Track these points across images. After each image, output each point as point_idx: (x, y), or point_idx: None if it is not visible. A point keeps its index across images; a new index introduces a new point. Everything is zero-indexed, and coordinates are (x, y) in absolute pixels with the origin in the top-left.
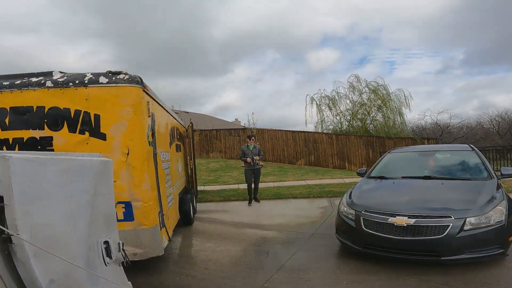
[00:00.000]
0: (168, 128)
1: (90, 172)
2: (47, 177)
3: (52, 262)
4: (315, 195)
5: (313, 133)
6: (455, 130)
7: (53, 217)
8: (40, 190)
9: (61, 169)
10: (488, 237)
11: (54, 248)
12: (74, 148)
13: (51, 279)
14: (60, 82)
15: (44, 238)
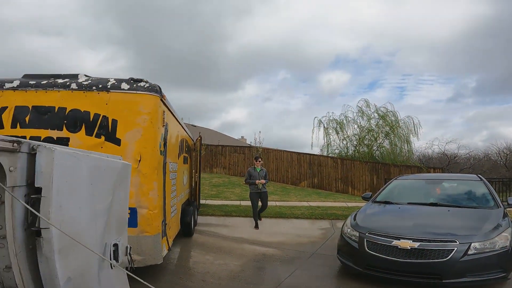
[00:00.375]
0: (179, 140)
1: (113, 173)
2: (81, 173)
3: (72, 260)
4: (317, 217)
5: (318, 156)
6: (462, 161)
7: (80, 214)
8: (74, 185)
9: (92, 167)
10: (491, 261)
11: (77, 245)
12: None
13: (69, 277)
14: (84, 85)
15: (72, 233)
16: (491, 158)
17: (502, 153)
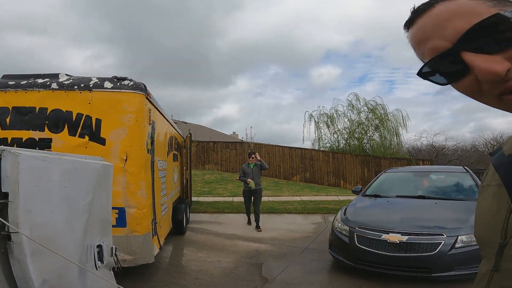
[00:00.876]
0: (167, 137)
1: (91, 175)
2: (52, 177)
3: (46, 262)
4: (309, 211)
5: (310, 150)
6: (450, 152)
7: (52, 217)
8: (44, 189)
9: (65, 169)
10: (479, 254)
11: (51, 248)
12: (73, 151)
13: (44, 279)
14: (65, 84)
15: (42, 238)
16: (479, 149)
17: (489, 144)
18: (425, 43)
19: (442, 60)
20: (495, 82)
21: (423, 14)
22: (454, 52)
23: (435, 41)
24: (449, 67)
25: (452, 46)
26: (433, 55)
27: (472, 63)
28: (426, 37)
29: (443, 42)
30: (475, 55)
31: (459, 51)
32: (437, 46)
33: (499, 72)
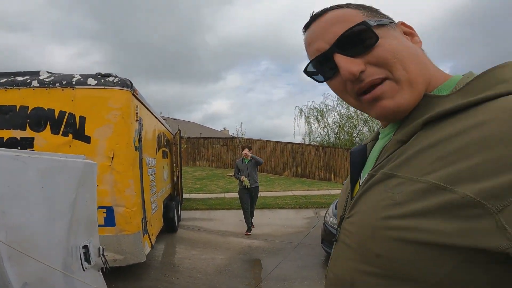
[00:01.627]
0: (156, 134)
1: (72, 174)
2: (27, 177)
3: (26, 265)
4: (301, 206)
5: (300, 145)
6: None
7: (30, 219)
8: (19, 189)
9: (43, 169)
10: None
11: (30, 251)
12: (56, 150)
13: (25, 282)
14: (46, 82)
15: (20, 240)
16: None
17: None
18: (312, 44)
19: (321, 60)
20: (353, 82)
21: (317, 19)
22: (329, 54)
23: (319, 43)
24: (325, 66)
25: (328, 48)
26: (316, 55)
27: (338, 63)
28: (314, 39)
29: (324, 44)
30: (342, 56)
31: (333, 53)
32: (319, 47)
33: (354, 72)
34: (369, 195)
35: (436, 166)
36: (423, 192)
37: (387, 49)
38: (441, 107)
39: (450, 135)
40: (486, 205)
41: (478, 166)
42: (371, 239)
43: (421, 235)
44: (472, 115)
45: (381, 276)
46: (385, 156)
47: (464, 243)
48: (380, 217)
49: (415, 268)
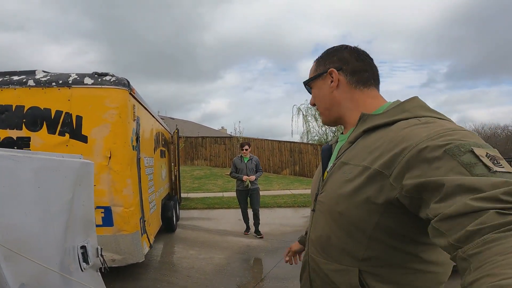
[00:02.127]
0: (153, 133)
1: (68, 174)
2: (23, 177)
3: (23, 266)
4: (299, 204)
5: (298, 144)
6: None
7: (26, 220)
8: (15, 189)
9: (38, 168)
10: None
11: (26, 251)
12: (53, 150)
13: (22, 283)
14: (42, 81)
15: (16, 240)
16: None
17: None
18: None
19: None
20: None
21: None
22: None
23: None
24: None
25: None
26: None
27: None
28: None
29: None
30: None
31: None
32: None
33: (311, 104)
34: (333, 176)
35: (366, 156)
36: (360, 172)
37: (314, 95)
38: (372, 123)
39: (375, 139)
40: (383, 172)
41: (381, 153)
42: (336, 204)
43: (361, 197)
44: (386, 129)
45: (344, 228)
46: (342, 152)
47: (380, 200)
48: (339, 188)
49: (361, 219)
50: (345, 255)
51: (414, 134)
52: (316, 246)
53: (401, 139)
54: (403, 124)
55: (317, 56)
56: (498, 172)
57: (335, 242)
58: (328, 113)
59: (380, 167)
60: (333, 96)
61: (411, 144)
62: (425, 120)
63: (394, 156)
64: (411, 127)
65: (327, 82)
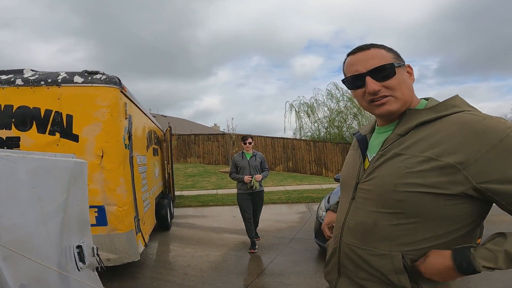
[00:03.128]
0: (146, 131)
1: (63, 173)
2: (18, 177)
3: (22, 266)
4: (293, 201)
5: (291, 140)
6: None
7: (23, 220)
8: (10, 190)
9: (33, 169)
10: None
11: (24, 252)
12: (43, 150)
13: (21, 283)
14: (31, 80)
15: (13, 241)
16: None
17: None
18: (354, 66)
19: (355, 77)
20: (370, 94)
21: (362, 51)
22: (363, 75)
23: (359, 67)
24: (357, 81)
25: (364, 72)
26: (353, 74)
27: (367, 82)
28: (356, 63)
29: (362, 69)
30: (371, 79)
31: (366, 75)
32: (359, 70)
33: (375, 89)
34: (385, 166)
35: (428, 147)
36: (423, 162)
37: (396, 80)
38: (424, 117)
39: (433, 132)
40: (457, 166)
41: (448, 148)
42: (393, 191)
43: (426, 187)
44: (441, 123)
45: (399, 214)
46: (389, 143)
47: (449, 191)
48: (397, 178)
49: (422, 207)
50: (389, 241)
51: (491, 127)
52: (354, 232)
53: (475, 133)
54: (462, 118)
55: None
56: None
57: (381, 228)
58: (403, 102)
59: (453, 160)
60: (412, 87)
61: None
62: (483, 114)
63: (471, 152)
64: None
65: (406, 73)
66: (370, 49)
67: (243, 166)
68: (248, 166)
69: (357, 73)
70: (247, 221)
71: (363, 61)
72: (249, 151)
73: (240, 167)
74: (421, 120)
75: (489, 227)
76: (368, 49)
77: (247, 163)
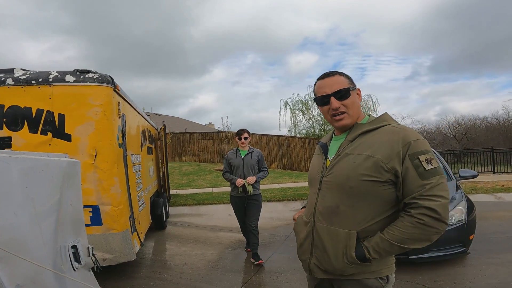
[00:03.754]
0: (140, 130)
1: (56, 173)
2: (11, 177)
3: (17, 266)
4: (289, 198)
5: (286, 137)
6: None
7: (17, 220)
8: (3, 190)
9: (26, 169)
10: (450, 235)
11: (18, 252)
12: (35, 149)
13: (17, 284)
14: (22, 79)
15: (7, 242)
16: (442, 131)
17: (452, 126)
18: (323, 88)
19: (323, 97)
20: (333, 110)
21: (329, 77)
22: (328, 96)
23: (326, 89)
24: (323, 100)
25: (329, 93)
26: (322, 94)
27: (331, 101)
28: (324, 87)
29: (328, 91)
30: (334, 99)
31: (331, 96)
32: (325, 91)
33: (337, 107)
34: (340, 163)
35: (367, 149)
36: (364, 159)
37: (350, 101)
38: (365, 128)
39: (370, 138)
40: (384, 161)
41: (379, 149)
42: (346, 180)
43: (367, 176)
44: (376, 132)
45: (352, 195)
46: (343, 147)
47: (381, 178)
48: (348, 170)
49: (366, 191)
50: (348, 221)
51: (405, 135)
52: (324, 215)
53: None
54: (388, 129)
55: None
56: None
57: (342, 210)
58: (353, 118)
59: (382, 157)
60: (359, 106)
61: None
62: (402, 126)
63: (391, 151)
64: (396, 131)
65: (356, 95)
66: (334, 75)
67: (236, 165)
68: (242, 166)
69: (325, 94)
70: (240, 224)
71: (329, 85)
72: (245, 147)
73: (234, 166)
74: (363, 130)
75: (483, 223)
76: (333, 76)
77: (241, 162)
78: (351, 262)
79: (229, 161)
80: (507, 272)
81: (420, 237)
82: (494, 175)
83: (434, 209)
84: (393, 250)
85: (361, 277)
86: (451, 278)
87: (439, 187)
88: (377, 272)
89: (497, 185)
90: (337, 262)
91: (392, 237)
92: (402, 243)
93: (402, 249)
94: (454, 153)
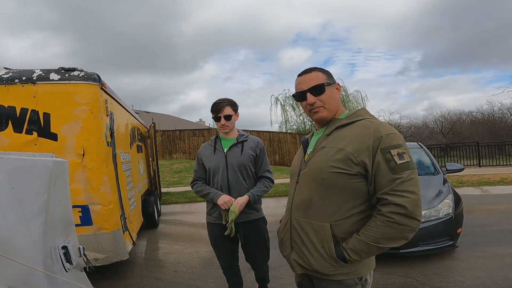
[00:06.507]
0: (129, 128)
1: (42, 173)
2: None
3: (8, 268)
4: (281, 194)
5: (277, 133)
6: (405, 130)
7: (4, 222)
8: None
9: (11, 169)
10: (438, 229)
11: (9, 254)
12: (21, 149)
13: (9, 285)
14: (4, 78)
15: None
16: (429, 126)
17: (438, 121)
18: (300, 85)
19: (300, 93)
20: (309, 105)
21: (307, 73)
22: (305, 92)
23: (303, 85)
24: (301, 95)
25: (306, 89)
26: (299, 91)
27: (307, 97)
28: (301, 83)
29: (305, 87)
30: (309, 94)
31: (307, 92)
32: (302, 88)
33: (312, 102)
34: (315, 156)
35: (340, 142)
36: (336, 152)
37: (326, 96)
38: (341, 122)
39: (345, 132)
40: (354, 154)
41: (350, 142)
42: (320, 172)
43: (338, 168)
44: (351, 126)
45: (324, 187)
46: (321, 141)
47: (351, 171)
48: (322, 163)
49: (336, 183)
50: (321, 213)
51: (377, 129)
52: (299, 208)
53: (364, 133)
54: (362, 123)
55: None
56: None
57: (316, 201)
58: (331, 111)
59: (352, 150)
60: (339, 100)
61: (378, 136)
62: (377, 121)
63: (362, 145)
64: (369, 125)
65: (335, 89)
66: (312, 72)
67: (214, 167)
68: (225, 168)
69: (301, 90)
70: (224, 270)
71: (306, 81)
72: (229, 134)
73: (209, 168)
74: (339, 124)
75: (469, 216)
76: (310, 72)
77: (222, 160)
78: (329, 256)
79: (201, 160)
80: (494, 265)
81: (394, 235)
82: (480, 168)
83: (403, 205)
84: (371, 251)
85: (339, 278)
86: (441, 272)
87: (410, 182)
88: (353, 272)
89: (483, 178)
90: (314, 257)
91: (367, 238)
92: (378, 243)
93: (380, 249)
94: (441, 147)
